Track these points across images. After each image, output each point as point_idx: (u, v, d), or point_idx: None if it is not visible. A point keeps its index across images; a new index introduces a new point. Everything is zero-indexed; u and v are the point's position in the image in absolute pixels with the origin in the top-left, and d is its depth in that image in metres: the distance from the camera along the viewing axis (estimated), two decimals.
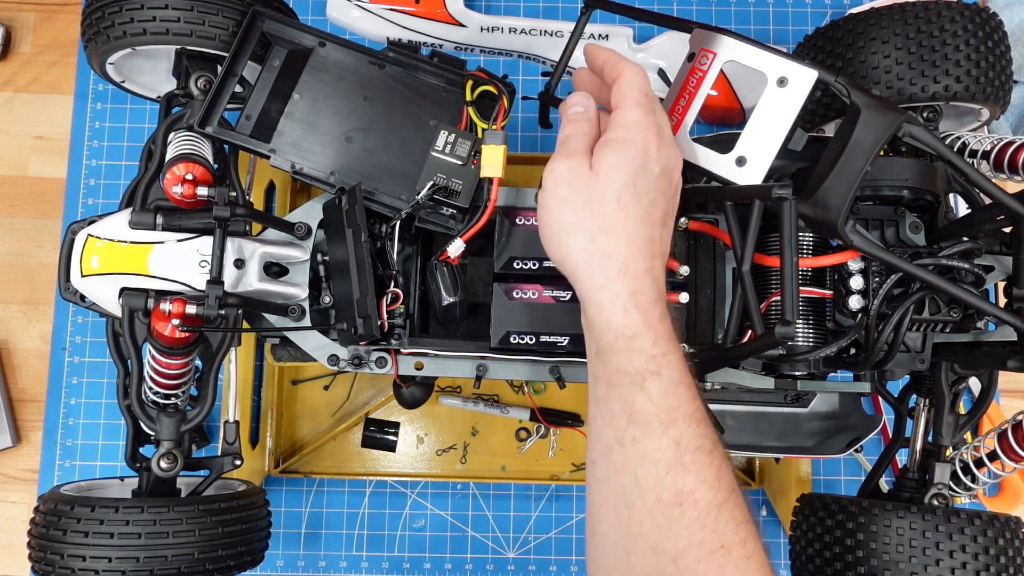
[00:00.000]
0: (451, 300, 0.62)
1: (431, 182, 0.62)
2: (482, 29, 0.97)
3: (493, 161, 0.60)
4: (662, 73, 0.95)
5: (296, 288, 0.65)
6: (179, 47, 0.66)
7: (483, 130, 0.61)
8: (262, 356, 0.90)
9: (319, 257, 0.66)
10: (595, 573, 0.52)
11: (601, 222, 0.51)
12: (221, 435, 0.70)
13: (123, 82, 0.74)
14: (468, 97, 0.62)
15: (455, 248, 0.62)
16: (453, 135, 0.62)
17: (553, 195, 0.52)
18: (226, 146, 0.67)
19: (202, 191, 0.61)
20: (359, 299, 0.61)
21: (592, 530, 0.52)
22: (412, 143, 0.65)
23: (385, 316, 0.62)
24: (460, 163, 0.62)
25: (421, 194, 0.62)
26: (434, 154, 0.62)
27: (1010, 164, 0.67)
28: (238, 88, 0.66)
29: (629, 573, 0.49)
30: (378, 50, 0.65)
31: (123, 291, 0.61)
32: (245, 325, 0.68)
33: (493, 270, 0.65)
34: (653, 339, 0.50)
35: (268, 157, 0.64)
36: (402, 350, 0.65)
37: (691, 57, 0.63)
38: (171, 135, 0.66)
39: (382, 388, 0.92)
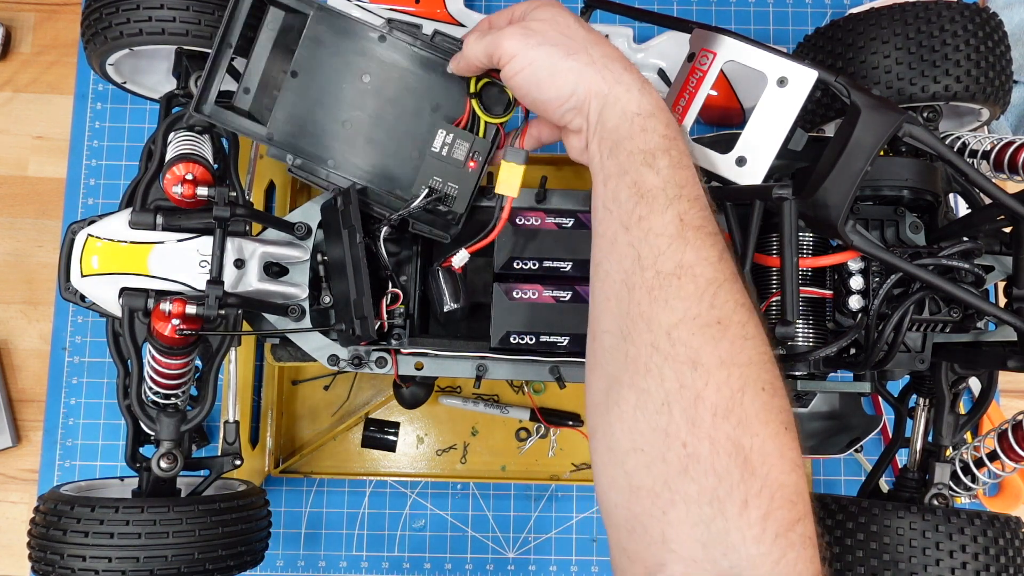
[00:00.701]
0: (453, 307, 0.62)
1: (426, 188, 0.61)
2: None
3: (510, 180, 0.59)
4: (662, 73, 0.95)
5: (296, 288, 0.65)
6: (177, 47, 0.66)
7: (505, 148, 0.60)
8: (262, 356, 0.89)
9: (319, 257, 0.66)
10: (592, 379, 0.50)
11: (586, 39, 0.54)
12: (221, 435, 0.70)
13: (123, 82, 0.74)
14: (472, 89, 0.61)
15: (459, 259, 0.61)
16: (451, 135, 0.61)
17: (526, 46, 0.53)
18: (225, 141, 0.67)
19: (202, 191, 0.61)
20: (356, 300, 0.61)
21: (593, 336, 0.51)
22: (412, 128, 0.63)
23: (385, 316, 0.62)
24: (457, 166, 0.62)
25: (414, 204, 0.61)
26: (431, 155, 0.62)
27: (1010, 164, 0.67)
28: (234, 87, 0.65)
29: (624, 358, 0.47)
30: (378, 25, 0.62)
31: (123, 291, 0.61)
32: (245, 325, 0.68)
33: (493, 270, 0.65)
34: (666, 121, 0.52)
35: (265, 141, 0.63)
36: (402, 350, 0.65)
37: (691, 57, 0.63)
38: (171, 135, 0.66)
39: (382, 388, 0.92)
